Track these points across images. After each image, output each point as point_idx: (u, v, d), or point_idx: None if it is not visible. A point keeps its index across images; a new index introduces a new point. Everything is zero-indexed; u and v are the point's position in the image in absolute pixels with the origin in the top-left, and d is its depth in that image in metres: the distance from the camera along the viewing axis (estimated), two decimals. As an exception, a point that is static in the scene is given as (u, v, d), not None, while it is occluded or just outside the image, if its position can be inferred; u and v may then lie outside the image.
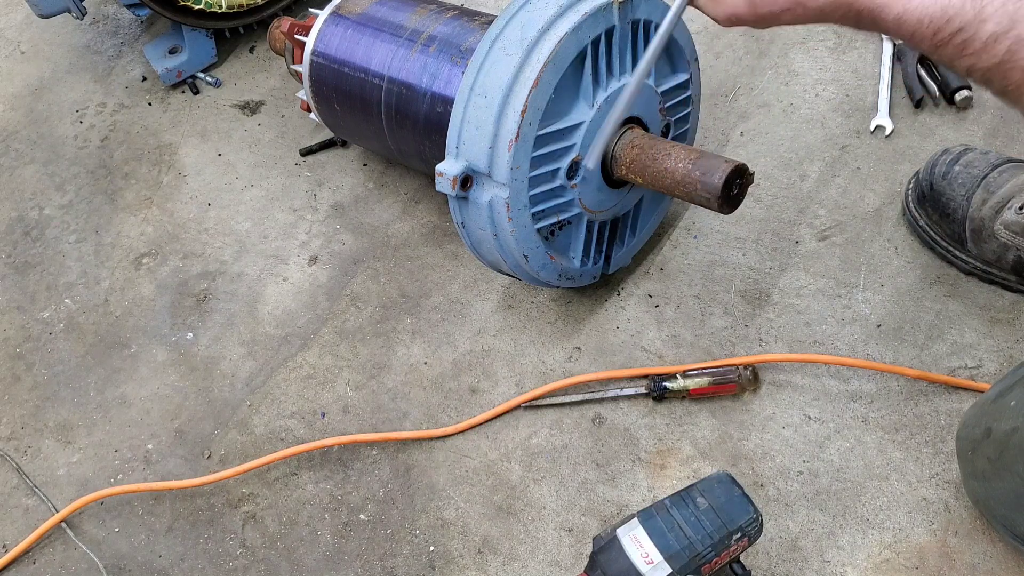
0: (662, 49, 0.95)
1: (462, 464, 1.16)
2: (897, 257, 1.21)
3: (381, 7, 1.27)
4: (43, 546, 1.18)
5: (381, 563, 1.10)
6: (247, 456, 1.21)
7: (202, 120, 1.62)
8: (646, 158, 1.05)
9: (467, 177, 1.01)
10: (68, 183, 1.58)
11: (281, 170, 1.52)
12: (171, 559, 1.14)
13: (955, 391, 1.10)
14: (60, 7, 1.54)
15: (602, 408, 1.17)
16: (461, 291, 1.31)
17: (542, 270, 1.11)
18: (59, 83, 1.74)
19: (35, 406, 1.31)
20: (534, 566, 1.07)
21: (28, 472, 1.25)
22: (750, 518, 0.90)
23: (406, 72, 1.19)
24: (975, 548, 1.00)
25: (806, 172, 1.32)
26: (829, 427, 1.10)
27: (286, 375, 1.28)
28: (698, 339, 1.20)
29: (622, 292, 1.27)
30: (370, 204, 1.44)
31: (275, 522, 1.15)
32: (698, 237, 1.29)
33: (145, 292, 1.41)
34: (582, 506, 1.10)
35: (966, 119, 1.32)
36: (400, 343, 1.28)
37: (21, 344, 1.38)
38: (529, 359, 1.23)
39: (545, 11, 0.99)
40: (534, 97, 0.97)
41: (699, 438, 1.12)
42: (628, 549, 0.88)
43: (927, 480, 1.05)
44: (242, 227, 1.46)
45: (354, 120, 1.30)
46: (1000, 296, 1.15)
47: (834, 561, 1.01)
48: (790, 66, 1.43)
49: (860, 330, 1.16)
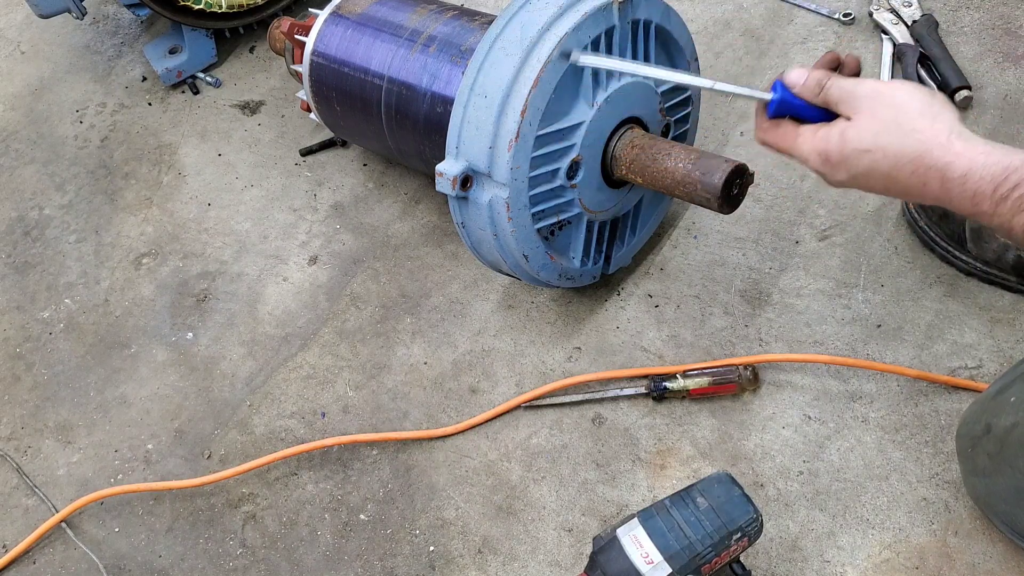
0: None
1: (462, 464, 1.16)
2: (897, 257, 1.21)
3: (381, 7, 1.27)
4: (43, 546, 1.18)
5: (381, 563, 1.10)
6: (247, 456, 1.20)
7: (202, 120, 1.62)
8: (646, 158, 1.05)
9: (467, 177, 1.01)
10: (68, 183, 1.58)
11: (281, 170, 1.52)
12: (171, 559, 1.14)
13: (955, 391, 1.10)
14: (60, 7, 1.54)
15: (602, 408, 1.17)
16: (461, 291, 1.31)
17: (542, 270, 1.11)
18: (59, 83, 1.74)
19: (35, 406, 1.31)
20: (534, 566, 1.07)
21: (28, 472, 1.25)
22: (750, 518, 0.90)
23: (406, 72, 1.19)
24: (975, 548, 1.00)
25: (806, 172, 1.32)
26: (829, 427, 1.10)
27: (286, 375, 1.28)
28: (698, 339, 1.20)
29: (622, 292, 1.27)
30: (370, 204, 1.44)
31: (275, 522, 1.15)
32: (698, 237, 1.29)
33: (145, 292, 1.41)
34: (582, 506, 1.10)
35: (966, 119, 1.31)
36: (400, 343, 1.28)
37: (21, 344, 1.38)
38: (529, 359, 1.23)
39: (545, 11, 0.99)
40: (534, 97, 0.97)
41: (699, 438, 1.12)
42: (628, 549, 0.88)
43: (927, 480, 1.05)
44: (242, 227, 1.46)
45: (354, 120, 1.30)
46: (1000, 296, 1.15)
47: (834, 561, 1.01)
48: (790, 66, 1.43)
49: (860, 330, 1.16)
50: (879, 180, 0.76)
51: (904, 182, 0.74)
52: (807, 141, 0.80)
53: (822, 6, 1.48)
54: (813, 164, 0.80)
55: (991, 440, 0.89)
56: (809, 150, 0.79)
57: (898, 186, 0.75)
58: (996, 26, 1.39)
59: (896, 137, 0.73)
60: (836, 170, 0.78)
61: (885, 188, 0.76)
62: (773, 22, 1.49)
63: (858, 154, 0.75)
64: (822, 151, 0.78)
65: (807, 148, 0.79)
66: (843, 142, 0.76)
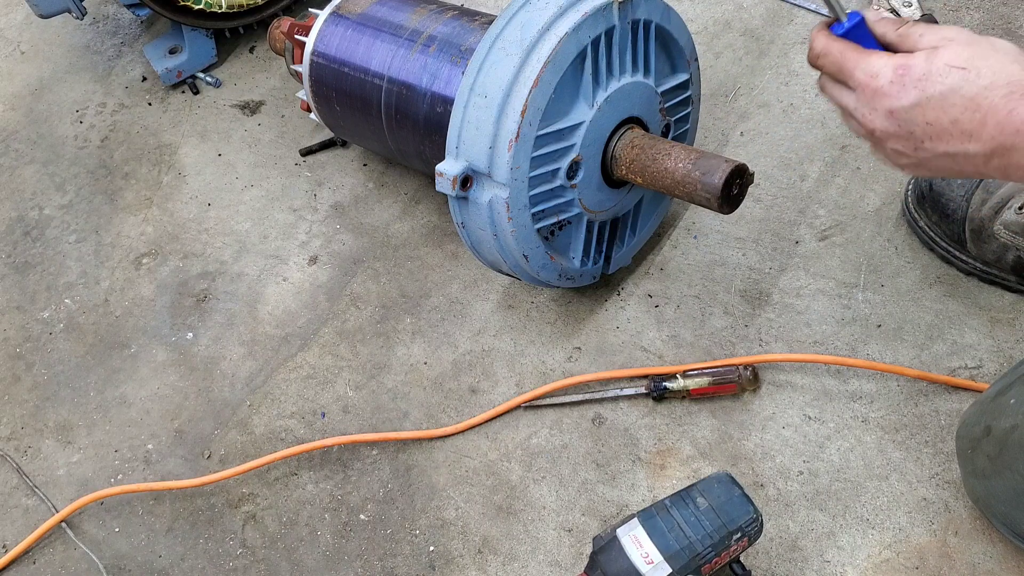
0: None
1: (462, 464, 1.16)
2: (897, 257, 1.21)
3: (381, 7, 1.27)
4: (43, 546, 1.18)
5: (381, 563, 1.10)
6: (247, 456, 1.21)
7: (202, 120, 1.62)
8: (646, 158, 1.05)
9: (467, 177, 1.01)
10: (68, 183, 1.58)
11: (281, 170, 1.52)
12: (171, 559, 1.14)
13: (955, 391, 1.10)
14: (60, 7, 1.54)
15: (602, 408, 1.17)
16: (461, 291, 1.31)
17: (542, 270, 1.11)
18: (59, 83, 1.74)
19: (35, 406, 1.31)
20: (534, 566, 1.07)
21: (28, 472, 1.25)
22: (750, 518, 0.90)
23: (406, 72, 1.19)
24: (975, 548, 1.00)
25: (806, 172, 1.32)
26: (829, 427, 1.10)
27: (286, 375, 1.28)
28: (698, 339, 1.20)
29: (622, 292, 1.27)
30: (370, 204, 1.44)
31: (275, 522, 1.15)
32: (698, 237, 1.29)
33: (145, 292, 1.41)
34: (582, 506, 1.10)
35: (966, 119, 1.31)
36: (400, 343, 1.28)
37: (21, 344, 1.39)
38: (529, 359, 1.23)
39: (545, 11, 0.99)
40: (534, 97, 0.97)
41: (699, 438, 1.12)
42: (628, 549, 0.88)
43: (927, 480, 1.05)
44: (242, 227, 1.46)
45: (354, 120, 1.31)
46: (1000, 296, 1.15)
47: (834, 561, 1.01)
48: (790, 66, 1.43)
49: (860, 330, 1.16)
50: (956, 105, 0.68)
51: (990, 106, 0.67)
52: (881, 57, 0.73)
53: (822, 6, 1.47)
54: (881, 80, 0.72)
55: (991, 442, 0.89)
56: (884, 63, 0.72)
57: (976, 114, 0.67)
58: (996, 26, 1.39)
59: (995, 61, 0.67)
60: (907, 89, 0.70)
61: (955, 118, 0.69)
62: (773, 22, 1.49)
63: (947, 70, 0.68)
64: (902, 64, 0.71)
65: (881, 62, 0.72)
66: (931, 57, 0.70)
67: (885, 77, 0.71)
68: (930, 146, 0.71)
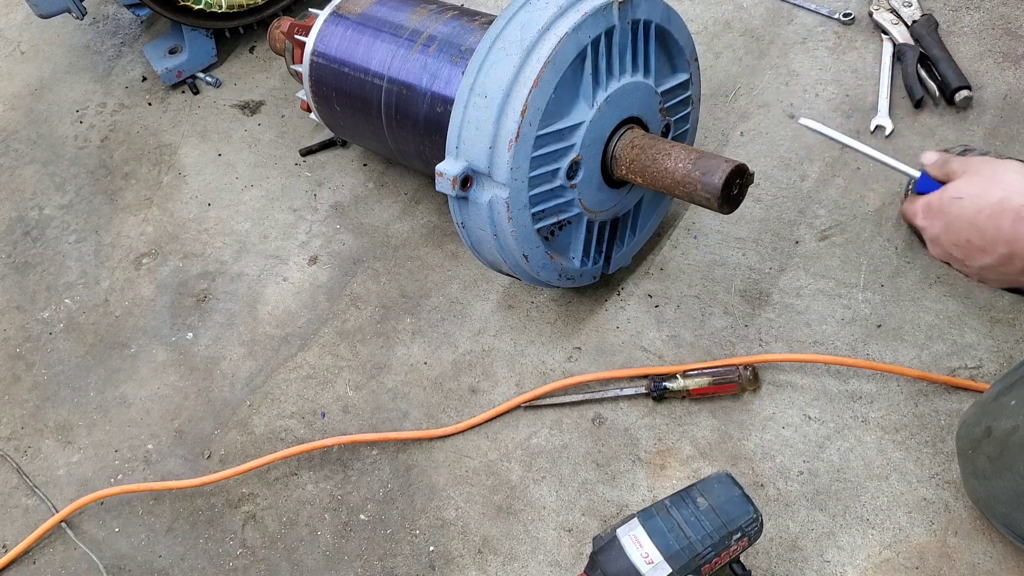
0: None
1: (462, 464, 1.16)
2: (897, 257, 1.21)
3: (381, 7, 1.27)
4: (43, 546, 1.18)
5: (381, 563, 1.10)
6: (247, 456, 1.21)
7: (202, 120, 1.62)
8: (646, 158, 1.05)
9: (467, 177, 1.01)
10: (68, 183, 1.58)
11: (281, 170, 1.52)
12: (171, 559, 1.14)
13: (955, 391, 1.10)
14: (60, 7, 1.54)
15: (602, 408, 1.17)
16: (461, 291, 1.31)
17: (542, 270, 1.11)
18: (59, 83, 1.74)
19: (35, 406, 1.31)
20: (534, 566, 1.07)
21: (28, 472, 1.25)
22: (750, 518, 0.90)
23: (406, 72, 1.19)
24: (975, 548, 1.00)
25: (806, 172, 1.32)
26: (829, 427, 1.10)
27: (286, 375, 1.28)
28: (698, 339, 1.20)
29: (622, 292, 1.27)
30: (370, 204, 1.44)
31: (275, 522, 1.15)
32: (698, 237, 1.29)
33: (145, 292, 1.41)
34: (582, 506, 1.10)
35: (966, 119, 1.31)
36: (400, 343, 1.28)
37: (21, 344, 1.38)
38: (529, 359, 1.23)
39: (545, 11, 0.99)
40: (534, 97, 0.97)
41: (699, 438, 1.12)
42: (628, 549, 0.88)
43: (927, 480, 1.05)
44: (242, 227, 1.46)
45: (354, 120, 1.30)
46: (1000, 296, 1.15)
47: (834, 561, 1.01)
48: (790, 66, 1.43)
49: (860, 330, 1.16)
50: (963, 228, 0.81)
51: (982, 225, 0.79)
52: (919, 200, 0.87)
53: (822, 6, 1.48)
54: (920, 218, 0.86)
55: (991, 443, 0.89)
56: (919, 205, 0.87)
57: (977, 232, 0.80)
58: (996, 26, 1.39)
59: (984, 188, 0.80)
60: (934, 220, 0.84)
61: (968, 238, 0.81)
62: (773, 22, 1.49)
63: (950, 201, 0.82)
64: (925, 203, 0.86)
65: (918, 204, 0.87)
66: (942, 193, 0.84)
67: (921, 215, 0.87)
68: (971, 263, 0.83)
